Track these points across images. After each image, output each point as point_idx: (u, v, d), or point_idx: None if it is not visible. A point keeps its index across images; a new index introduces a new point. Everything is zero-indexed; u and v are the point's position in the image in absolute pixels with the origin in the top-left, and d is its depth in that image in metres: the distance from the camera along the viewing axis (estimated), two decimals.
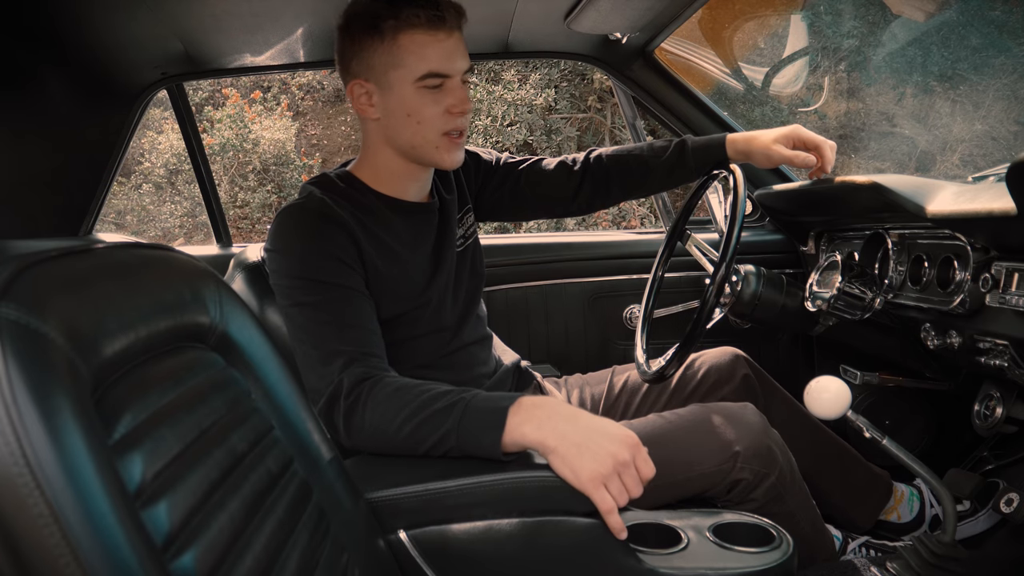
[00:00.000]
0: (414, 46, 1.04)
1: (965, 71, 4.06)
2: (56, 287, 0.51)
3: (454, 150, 1.11)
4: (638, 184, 1.40)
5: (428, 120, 1.07)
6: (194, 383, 0.64)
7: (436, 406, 0.91)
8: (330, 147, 7.78)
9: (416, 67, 1.04)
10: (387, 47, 1.05)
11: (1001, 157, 3.93)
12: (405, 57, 1.04)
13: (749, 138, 1.31)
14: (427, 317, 1.17)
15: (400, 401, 0.93)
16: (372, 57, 1.06)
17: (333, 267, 1.04)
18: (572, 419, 0.86)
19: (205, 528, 0.56)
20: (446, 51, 1.04)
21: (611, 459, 0.82)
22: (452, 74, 1.06)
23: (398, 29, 1.03)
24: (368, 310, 1.06)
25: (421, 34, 1.03)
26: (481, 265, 1.31)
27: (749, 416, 1.17)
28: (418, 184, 1.18)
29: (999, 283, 1.08)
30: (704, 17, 3.11)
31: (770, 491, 1.13)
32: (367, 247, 1.08)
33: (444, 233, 1.22)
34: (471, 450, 0.89)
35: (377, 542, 0.85)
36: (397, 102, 1.07)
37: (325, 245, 1.04)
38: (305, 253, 1.04)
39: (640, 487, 0.84)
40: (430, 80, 1.05)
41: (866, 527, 1.40)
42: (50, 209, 1.74)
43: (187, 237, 6.95)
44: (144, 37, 1.50)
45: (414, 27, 1.03)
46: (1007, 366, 1.08)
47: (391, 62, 1.05)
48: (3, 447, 0.42)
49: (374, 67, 1.07)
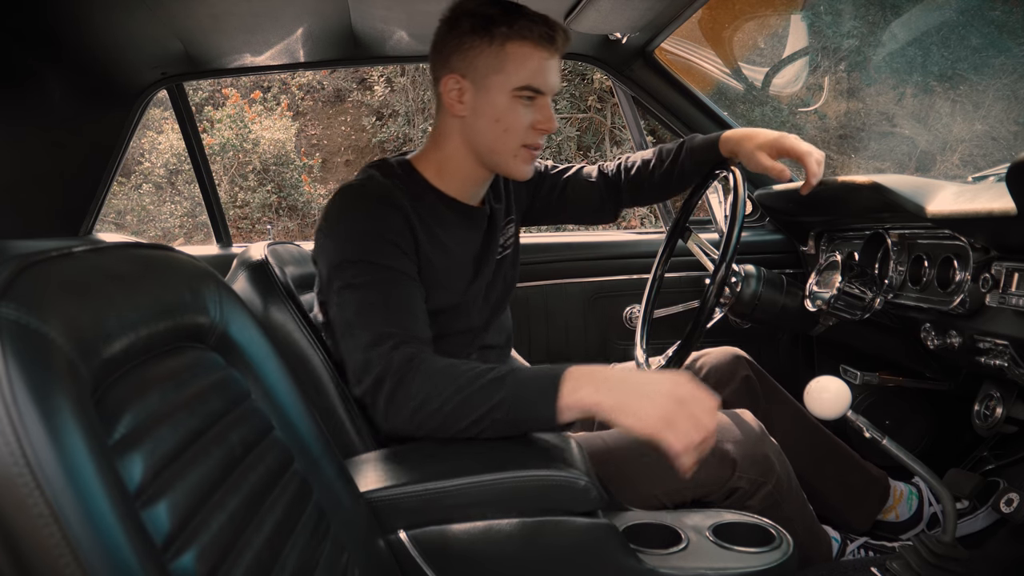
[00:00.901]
0: (520, 57, 1.06)
1: (965, 71, 4.06)
2: (56, 287, 0.51)
3: (529, 163, 1.14)
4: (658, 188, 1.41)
5: (514, 130, 1.09)
6: (194, 383, 0.64)
7: (488, 377, 0.91)
8: (330, 147, 7.78)
9: (517, 77, 1.07)
10: (494, 51, 1.06)
11: (1001, 157, 3.93)
12: (509, 65, 1.06)
13: (740, 138, 1.30)
14: (459, 317, 1.17)
15: (448, 376, 0.93)
16: (476, 57, 1.08)
17: (388, 250, 1.04)
18: (624, 377, 0.88)
19: (205, 528, 0.56)
20: (547, 69, 1.08)
21: (669, 399, 0.82)
22: (546, 92, 1.09)
23: (509, 37, 1.06)
24: (418, 296, 1.06)
25: (530, 48, 1.06)
26: (515, 276, 1.32)
27: (747, 423, 1.17)
28: (477, 188, 1.19)
29: (999, 283, 1.08)
30: (704, 17, 3.11)
31: (767, 499, 1.13)
32: (422, 237, 1.09)
33: (489, 240, 1.23)
34: (524, 420, 0.89)
35: (377, 542, 0.85)
36: (489, 106, 1.09)
37: (381, 227, 1.04)
38: (361, 234, 1.04)
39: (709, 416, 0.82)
40: (526, 92, 1.08)
41: (863, 529, 1.40)
42: (50, 209, 1.74)
43: (187, 237, 6.95)
44: (144, 37, 1.51)
45: (524, 39, 1.06)
46: (1007, 366, 1.08)
47: (494, 66, 1.07)
48: (3, 447, 0.42)
49: (476, 67, 1.08)
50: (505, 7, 1.07)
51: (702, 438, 0.81)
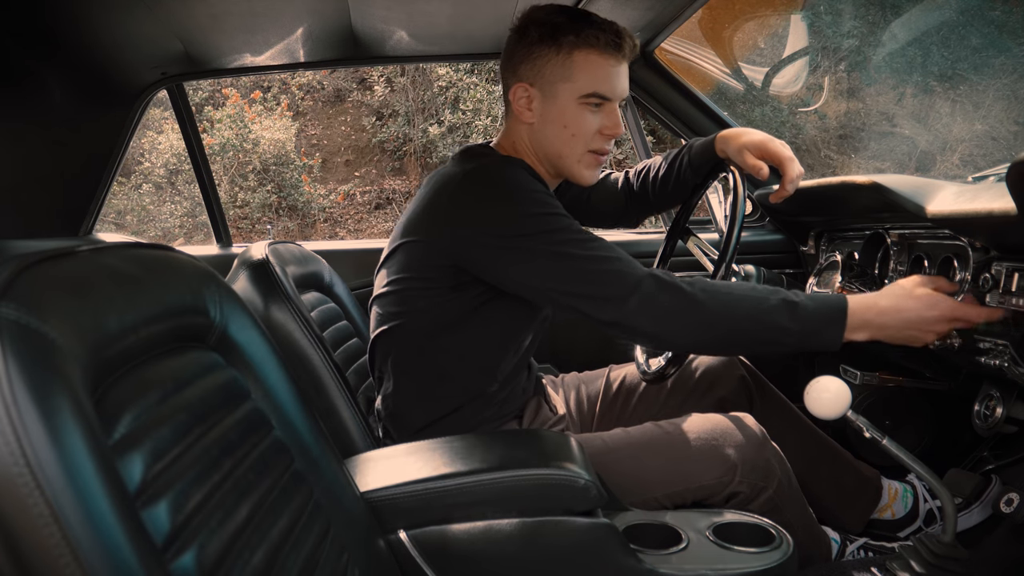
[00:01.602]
0: (588, 65, 1.08)
1: (965, 71, 4.06)
2: (56, 287, 0.51)
3: (594, 167, 1.17)
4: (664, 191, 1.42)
5: (581, 135, 1.12)
6: (194, 383, 0.65)
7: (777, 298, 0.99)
8: (330, 147, 7.78)
9: (584, 84, 1.09)
10: (561, 59, 1.09)
11: (1001, 157, 3.92)
12: (576, 73, 1.09)
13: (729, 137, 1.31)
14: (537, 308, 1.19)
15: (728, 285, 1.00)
16: (544, 66, 1.10)
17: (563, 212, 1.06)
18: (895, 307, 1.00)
19: (205, 528, 0.56)
20: (614, 76, 1.10)
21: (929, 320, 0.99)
22: (613, 99, 1.11)
23: (576, 45, 1.08)
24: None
25: (596, 55, 1.08)
26: None
27: (748, 427, 1.16)
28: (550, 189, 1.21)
29: (999, 283, 1.08)
30: (704, 17, 3.10)
31: (767, 503, 1.13)
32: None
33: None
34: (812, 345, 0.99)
35: (377, 542, 0.85)
36: (557, 112, 1.12)
37: (539, 188, 1.06)
38: (534, 193, 1.04)
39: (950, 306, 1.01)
40: (593, 99, 1.10)
41: (856, 530, 1.40)
42: (50, 209, 1.74)
43: (187, 237, 6.95)
44: (144, 37, 1.51)
45: (591, 47, 1.08)
46: (1007, 366, 1.08)
47: (562, 74, 1.09)
48: (3, 447, 0.42)
49: (544, 75, 1.11)
50: (572, 15, 1.09)
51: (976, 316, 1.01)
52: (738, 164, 1.28)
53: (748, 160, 1.26)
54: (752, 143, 1.26)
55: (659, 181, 1.40)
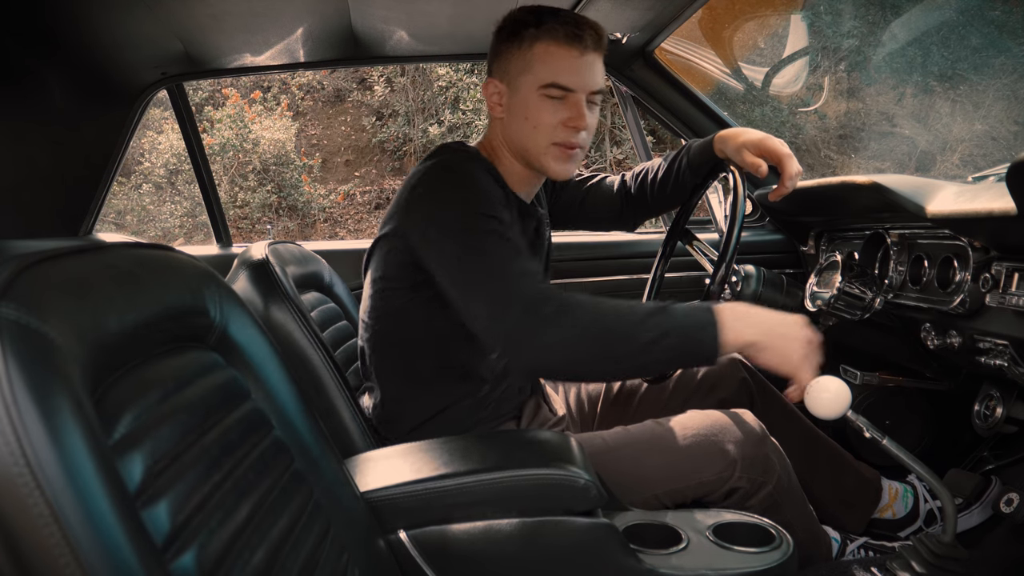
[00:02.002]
0: (547, 56, 1.09)
1: (965, 71, 4.06)
2: (56, 287, 0.51)
3: (563, 160, 1.14)
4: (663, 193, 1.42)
5: (542, 127, 1.11)
6: (194, 383, 0.64)
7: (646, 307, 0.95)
8: (330, 147, 7.78)
9: (543, 75, 1.09)
10: (523, 53, 1.10)
11: (1001, 157, 3.92)
12: (536, 64, 1.09)
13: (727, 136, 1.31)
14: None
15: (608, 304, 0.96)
16: (509, 61, 1.12)
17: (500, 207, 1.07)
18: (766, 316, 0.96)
19: (205, 528, 0.56)
20: (575, 67, 1.09)
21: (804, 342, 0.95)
22: (576, 89, 1.10)
23: (536, 38, 1.09)
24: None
25: (555, 46, 1.08)
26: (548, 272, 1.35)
27: (748, 424, 1.17)
28: (528, 188, 1.22)
29: (999, 283, 1.08)
30: (704, 17, 3.10)
31: (767, 499, 1.13)
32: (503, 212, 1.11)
33: (536, 239, 1.28)
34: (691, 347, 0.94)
35: (377, 542, 0.85)
36: (520, 105, 1.12)
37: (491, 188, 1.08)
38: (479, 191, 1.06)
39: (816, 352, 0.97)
40: (552, 90, 1.09)
41: (857, 530, 1.40)
42: (50, 209, 1.74)
43: (187, 237, 6.95)
44: (144, 37, 1.50)
45: (551, 39, 1.08)
46: (1007, 366, 1.08)
47: (523, 67, 1.11)
48: (3, 447, 0.42)
49: (508, 70, 1.13)
50: (539, 12, 1.10)
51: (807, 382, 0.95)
52: (737, 163, 1.28)
53: (746, 158, 1.26)
54: (750, 141, 1.26)
55: (658, 183, 1.40)
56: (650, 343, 0.91)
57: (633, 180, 1.44)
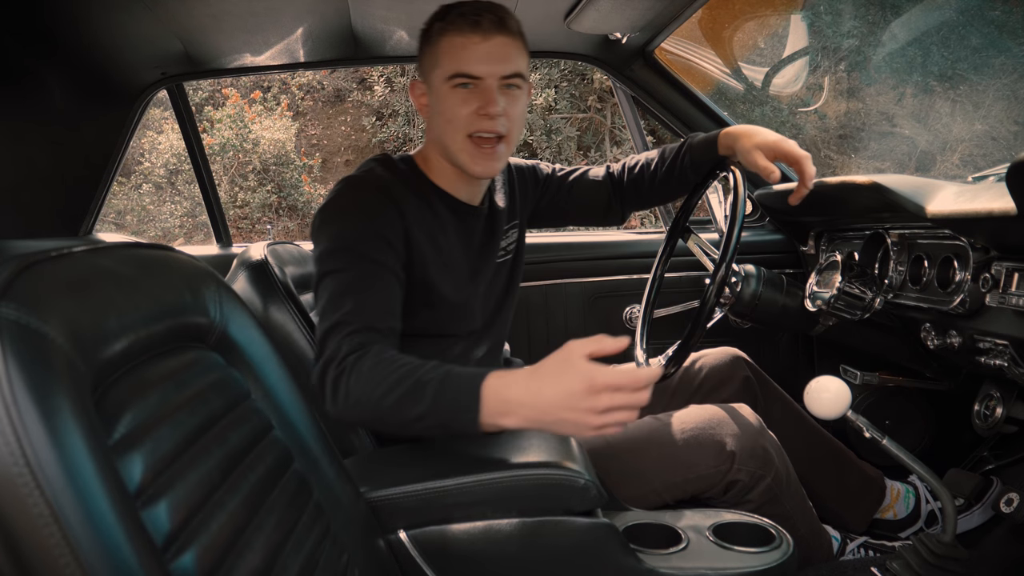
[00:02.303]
0: (450, 47, 1.08)
1: (965, 71, 4.06)
2: (56, 287, 0.51)
3: (480, 157, 1.10)
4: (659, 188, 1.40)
5: (456, 120, 1.08)
6: (194, 383, 0.64)
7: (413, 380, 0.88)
8: (330, 147, 7.78)
9: (448, 67, 1.08)
10: (431, 48, 1.10)
11: (1001, 157, 3.92)
12: (441, 58, 1.08)
13: (739, 135, 1.29)
14: (455, 318, 1.17)
15: (382, 373, 0.91)
16: (423, 59, 1.13)
17: (373, 242, 1.04)
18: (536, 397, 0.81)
19: (205, 528, 0.56)
20: (478, 54, 1.06)
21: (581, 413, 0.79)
22: (483, 76, 1.07)
23: (441, 32, 1.08)
24: (395, 291, 1.05)
25: (458, 36, 1.07)
26: (518, 280, 1.31)
27: (745, 417, 1.17)
28: (469, 187, 1.18)
29: (999, 283, 1.08)
30: (704, 17, 3.10)
31: (766, 492, 1.13)
32: (415, 232, 1.09)
33: (488, 242, 1.22)
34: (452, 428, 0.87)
35: (377, 542, 0.85)
36: (435, 101, 1.11)
37: (373, 220, 1.06)
38: (350, 223, 1.05)
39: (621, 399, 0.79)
40: (459, 80, 1.07)
41: (859, 530, 1.40)
42: (50, 209, 1.74)
43: (187, 237, 6.95)
44: (144, 37, 1.51)
45: (453, 30, 1.07)
46: (1007, 366, 1.08)
47: (433, 63, 1.10)
48: (3, 447, 0.42)
49: (424, 68, 1.13)
50: (447, 7, 1.09)
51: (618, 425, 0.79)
52: (747, 165, 1.26)
53: (759, 161, 1.23)
54: (764, 143, 1.24)
55: (658, 178, 1.38)
56: (414, 420, 0.88)
57: (626, 172, 1.41)
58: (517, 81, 1.09)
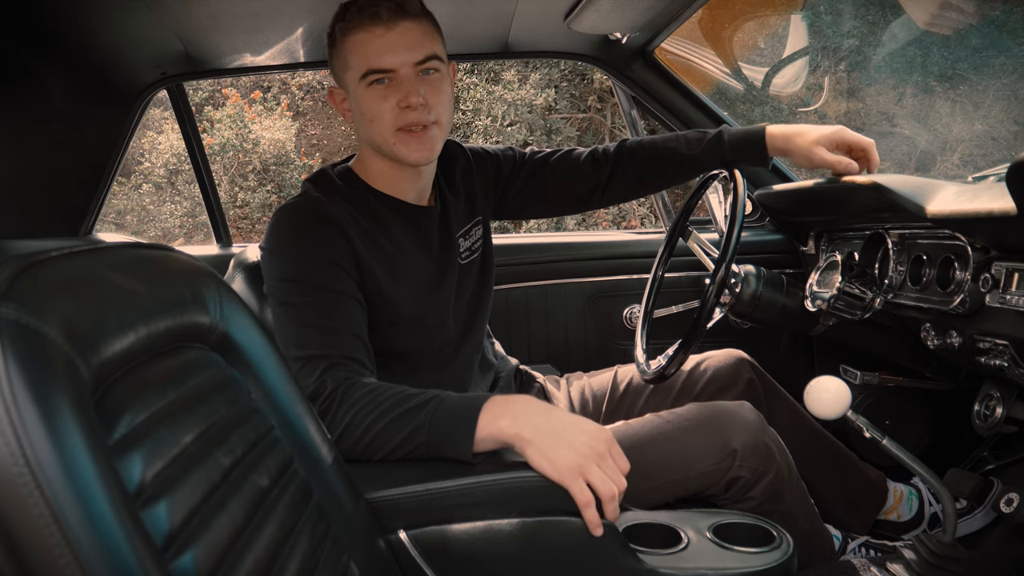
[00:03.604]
0: (355, 46, 1.03)
1: (965, 71, 4.06)
2: (56, 287, 0.51)
3: (413, 144, 1.06)
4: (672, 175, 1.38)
5: (380, 118, 1.05)
6: (194, 383, 0.64)
7: (407, 405, 0.90)
8: (330, 147, 7.78)
9: (358, 66, 1.04)
10: (338, 51, 1.06)
11: (1001, 157, 3.92)
12: (349, 58, 1.04)
13: (789, 135, 1.26)
14: (427, 328, 1.15)
15: (372, 402, 0.91)
16: (334, 64, 1.09)
17: (324, 269, 1.02)
18: (546, 412, 0.86)
19: (205, 528, 0.56)
20: (384, 46, 1.02)
21: (588, 449, 0.82)
22: (395, 68, 1.02)
23: (344, 32, 1.04)
24: (357, 315, 1.04)
25: (360, 33, 1.02)
26: (489, 282, 1.28)
27: (746, 414, 1.17)
28: (413, 185, 1.15)
29: (999, 283, 1.08)
30: (704, 17, 3.10)
31: (768, 489, 1.13)
32: (363, 250, 1.07)
33: (446, 242, 1.19)
34: (442, 447, 0.88)
35: (377, 542, 0.85)
36: (355, 103, 1.07)
37: (318, 247, 1.03)
38: (297, 254, 1.03)
39: (621, 477, 0.83)
40: (372, 77, 1.03)
41: (861, 532, 1.40)
42: (50, 209, 1.74)
43: (187, 237, 6.95)
44: (144, 37, 1.51)
45: (355, 28, 1.03)
46: (1007, 366, 1.08)
47: (343, 65, 1.06)
48: (3, 447, 0.42)
49: (337, 73, 1.09)
50: (345, 6, 1.05)
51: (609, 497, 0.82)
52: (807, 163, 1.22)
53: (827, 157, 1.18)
54: (823, 137, 1.20)
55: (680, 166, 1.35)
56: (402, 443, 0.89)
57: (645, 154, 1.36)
58: (434, 64, 1.04)
